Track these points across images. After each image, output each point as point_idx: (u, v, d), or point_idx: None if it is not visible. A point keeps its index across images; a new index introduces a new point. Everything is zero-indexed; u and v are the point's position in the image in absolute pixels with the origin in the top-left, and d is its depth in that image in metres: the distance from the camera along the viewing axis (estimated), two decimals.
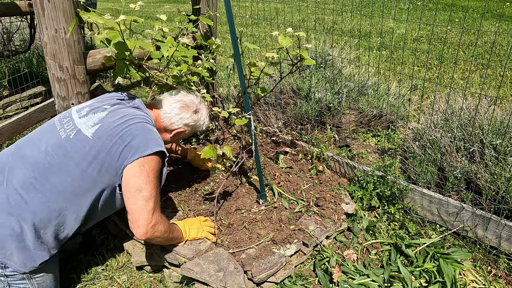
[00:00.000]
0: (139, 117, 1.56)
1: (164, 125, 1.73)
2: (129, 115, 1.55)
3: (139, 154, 1.45)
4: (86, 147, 1.45)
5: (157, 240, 1.54)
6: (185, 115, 1.73)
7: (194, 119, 1.75)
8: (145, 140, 1.48)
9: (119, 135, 1.47)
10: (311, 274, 1.79)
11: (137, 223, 1.44)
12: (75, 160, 1.44)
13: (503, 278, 1.77)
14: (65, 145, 1.46)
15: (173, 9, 9.12)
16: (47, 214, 1.41)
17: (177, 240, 1.68)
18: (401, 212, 2.09)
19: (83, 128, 1.50)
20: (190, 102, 1.75)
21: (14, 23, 4.28)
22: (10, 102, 3.48)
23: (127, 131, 1.49)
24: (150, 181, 1.46)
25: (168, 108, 1.72)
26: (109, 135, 1.47)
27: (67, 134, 1.49)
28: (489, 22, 6.40)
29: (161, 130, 1.72)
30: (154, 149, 1.48)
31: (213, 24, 2.40)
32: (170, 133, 1.75)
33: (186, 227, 1.74)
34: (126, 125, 1.50)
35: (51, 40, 1.76)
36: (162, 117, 1.71)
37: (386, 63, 4.49)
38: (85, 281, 1.79)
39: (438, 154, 2.11)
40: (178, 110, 1.72)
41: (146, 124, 1.55)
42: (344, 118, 2.83)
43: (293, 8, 6.83)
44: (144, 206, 1.43)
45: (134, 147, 1.46)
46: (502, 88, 3.66)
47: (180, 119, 1.72)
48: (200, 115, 1.78)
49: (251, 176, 2.23)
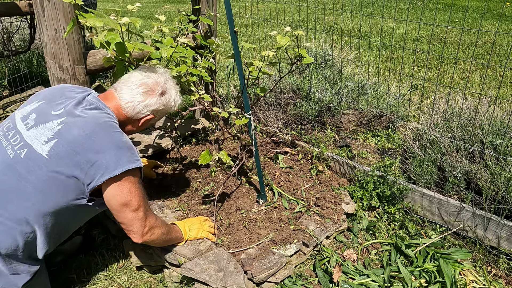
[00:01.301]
0: (103, 125, 1.35)
1: (129, 115, 1.48)
2: (89, 125, 1.33)
3: (108, 174, 1.30)
4: (42, 168, 1.28)
5: (155, 242, 1.53)
6: (151, 100, 1.48)
7: (162, 102, 1.51)
8: (114, 158, 1.31)
9: (81, 153, 1.29)
10: (311, 274, 1.79)
11: (131, 231, 1.41)
12: (32, 183, 1.28)
13: (503, 278, 1.77)
14: (16, 167, 1.28)
15: (173, 9, 9.12)
16: (12, 242, 1.29)
17: (177, 241, 1.67)
18: (401, 212, 2.09)
19: (35, 144, 1.30)
20: (153, 84, 1.49)
21: (14, 23, 4.28)
22: (10, 102, 3.49)
23: (91, 149, 1.30)
24: (133, 194, 1.36)
25: (129, 96, 1.46)
26: (69, 153, 1.29)
27: (16, 152, 1.30)
28: (489, 22, 6.40)
29: (125, 121, 1.51)
30: (125, 167, 1.32)
31: (213, 24, 2.41)
32: (138, 122, 1.52)
33: (186, 227, 1.72)
34: (89, 141, 1.30)
35: (51, 40, 1.76)
36: (124, 107, 1.46)
37: (386, 63, 4.49)
38: (85, 281, 1.79)
39: (438, 154, 2.10)
40: (141, 96, 1.46)
41: (113, 136, 1.35)
42: (344, 118, 2.83)
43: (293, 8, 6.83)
44: (135, 217, 1.39)
45: (102, 167, 1.30)
46: (502, 88, 3.66)
47: (145, 106, 1.48)
48: (169, 96, 1.53)
49: (251, 176, 2.23)
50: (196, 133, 2.69)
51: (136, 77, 1.48)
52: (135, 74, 1.49)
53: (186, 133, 2.65)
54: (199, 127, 2.70)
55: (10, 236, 1.28)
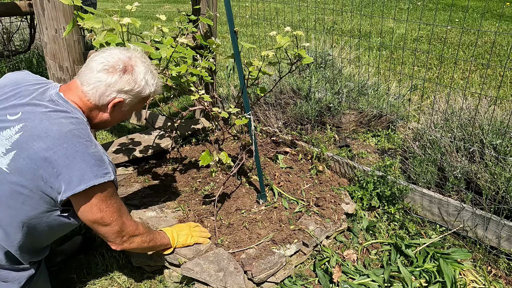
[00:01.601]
0: (68, 135, 1.20)
1: (93, 102, 1.30)
2: (52, 135, 1.18)
3: (71, 191, 1.18)
4: (3, 183, 1.18)
5: (137, 250, 1.49)
6: (112, 79, 1.28)
7: (126, 80, 1.30)
8: (78, 172, 1.18)
9: (43, 167, 1.17)
10: (311, 274, 1.79)
11: (109, 240, 1.37)
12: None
13: (503, 278, 1.77)
14: None
15: (173, 9, 9.12)
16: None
17: (162, 247, 1.62)
18: (401, 212, 2.09)
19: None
20: (115, 61, 1.30)
21: (14, 23, 4.28)
22: None
23: (53, 162, 1.17)
24: (104, 212, 1.28)
25: (90, 78, 1.28)
26: (30, 167, 1.17)
27: None
28: (489, 22, 6.40)
29: (94, 111, 1.34)
30: (90, 183, 1.19)
31: (213, 24, 2.41)
32: (107, 109, 1.33)
33: (174, 233, 1.68)
34: (50, 153, 1.17)
35: (51, 40, 1.76)
36: (87, 92, 1.29)
37: (386, 63, 4.49)
38: (85, 281, 1.79)
39: (438, 154, 2.11)
40: (102, 75, 1.28)
41: (78, 147, 1.20)
42: (344, 118, 2.83)
43: (293, 8, 6.83)
44: (109, 231, 1.33)
45: (65, 181, 1.18)
46: (502, 88, 3.66)
47: (108, 86, 1.28)
48: (136, 74, 1.32)
49: (251, 176, 2.23)
50: (196, 133, 2.69)
51: (98, 57, 1.31)
52: (97, 54, 1.32)
53: (186, 133, 2.65)
54: (199, 127, 2.70)
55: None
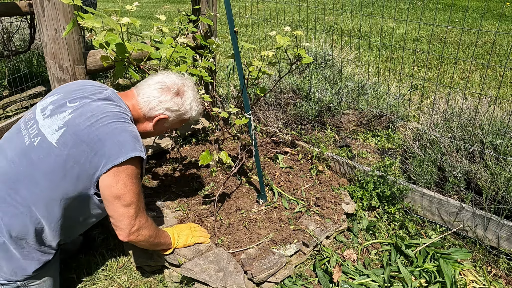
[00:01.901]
0: (110, 115, 1.37)
1: (143, 112, 1.51)
2: (96, 114, 1.36)
3: (111, 163, 1.30)
4: (51, 156, 1.31)
5: (141, 244, 1.50)
6: (165, 97, 1.49)
7: (176, 102, 1.51)
8: (117, 146, 1.32)
9: (86, 141, 1.31)
10: (311, 274, 1.79)
11: (119, 226, 1.39)
12: (42, 170, 1.32)
13: (503, 278, 1.77)
14: (30, 154, 1.33)
15: (173, 9, 9.12)
16: (23, 227, 1.33)
17: (164, 246, 1.63)
18: (401, 212, 2.09)
19: (47, 133, 1.34)
20: (171, 83, 1.52)
21: (14, 23, 4.28)
22: (10, 102, 3.49)
23: (94, 137, 1.32)
24: (128, 189, 1.35)
25: (146, 92, 1.49)
26: (75, 142, 1.31)
27: (31, 140, 1.35)
28: (489, 22, 6.40)
29: (140, 120, 1.53)
30: (128, 155, 1.32)
31: (213, 24, 2.41)
32: (151, 120, 1.53)
33: (175, 234, 1.69)
34: (93, 129, 1.33)
35: (51, 40, 1.76)
36: (140, 103, 1.49)
37: (386, 63, 4.49)
38: (85, 281, 1.79)
39: (438, 154, 2.11)
40: (157, 92, 1.49)
41: (118, 124, 1.37)
42: (344, 118, 2.83)
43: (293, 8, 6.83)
44: (125, 213, 1.37)
45: (105, 155, 1.31)
46: (502, 88, 3.66)
47: (159, 102, 1.49)
48: (185, 98, 1.53)
49: (251, 176, 2.23)
50: (196, 133, 2.69)
51: (157, 77, 1.53)
52: (157, 75, 1.55)
53: (186, 133, 2.65)
54: (199, 127, 2.70)
55: (21, 221, 1.33)
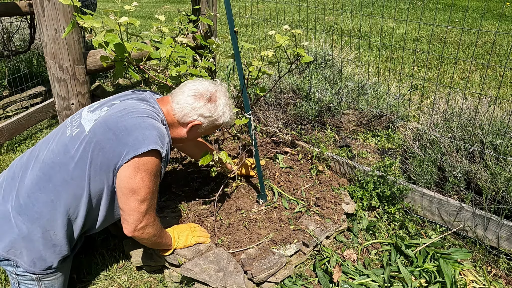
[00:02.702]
0: (140, 110, 1.44)
1: (177, 118, 1.56)
2: (128, 108, 1.44)
3: (133, 152, 1.34)
4: (82, 144, 1.38)
5: (144, 241, 1.51)
6: (198, 104, 1.54)
7: (209, 108, 1.56)
8: (141, 136, 1.36)
9: (113, 129, 1.37)
10: (311, 274, 1.79)
11: (127, 220, 1.41)
12: (74, 159, 1.38)
13: (503, 278, 1.77)
14: (67, 143, 1.40)
15: (173, 9, 9.12)
16: (53, 215, 1.38)
17: (165, 247, 1.64)
18: (401, 212, 2.09)
19: (86, 124, 1.44)
20: (204, 90, 1.56)
21: (14, 23, 4.28)
22: (10, 102, 3.49)
23: (121, 126, 1.37)
24: (145, 184, 1.38)
25: (180, 99, 1.54)
26: (103, 129, 1.38)
27: (71, 131, 1.44)
28: (489, 22, 6.40)
29: (175, 125, 1.58)
30: (150, 146, 1.35)
31: (213, 24, 2.41)
32: (186, 126, 1.58)
33: (175, 234, 1.70)
34: (122, 119, 1.39)
35: (51, 40, 1.76)
36: (175, 109, 1.55)
37: (386, 63, 4.49)
38: (85, 281, 1.79)
39: (438, 154, 2.10)
40: (190, 99, 1.54)
41: (146, 119, 1.42)
42: (344, 118, 2.83)
43: (293, 8, 6.83)
44: (137, 208, 1.39)
45: (128, 144, 1.35)
46: (502, 88, 3.66)
47: (193, 109, 1.54)
48: (218, 104, 1.58)
49: (251, 176, 2.23)
50: None
51: (191, 84, 1.59)
52: (191, 82, 1.60)
53: None
54: None
55: (52, 209, 1.38)
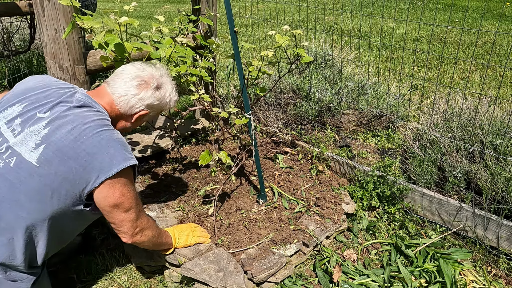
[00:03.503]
0: (92, 124, 1.29)
1: (122, 111, 1.42)
2: (78, 126, 1.27)
3: (104, 175, 1.25)
4: (34, 177, 1.22)
5: (144, 244, 1.49)
6: (145, 94, 1.41)
7: (157, 97, 1.44)
8: (107, 157, 1.26)
9: (72, 158, 1.24)
10: (311, 274, 1.79)
11: (122, 231, 1.38)
12: (25, 193, 1.23)
13: (503, 278, 1.77)
14: (7, 177, 1.23)
15: (173, 9, 9.12)
16: (11, 252, 1.25)
17: (166, 246, 1.64)
18: (401, 212, 2.09)
19: (23, 152, 1.24)
20: (148, 77, 1.42)
21: (14, 23, 4.28)
22: None
23: (81, 152, 1.24)
24: (125, 196, 1.32)
25: (123, 89, 1.39)
26: (60, 159, 1.23)
27: (5, 162, 1.24)
28: (489, 22, 6.40)
29: (118, 118, 1.45)
30: (121, 166, 1.27)
31: (213, 24, 2.41)
32: (131, 118, 1.46)
33: (175, 234, 1.69)
34: (78, 143, 1.25)
35: (51, 40, 1.76)
36: (118, 102, 1.40)
37: (386, 63, 4.49)
38: (85, 281, 1.79)
39: (438, 154, 2.10)
40: (135, 89, 1.40)
41: (102, 133, 1.29)
42: (344, 118, 2.83)
43: (293, 8, 6.82)
44: (126, 218, 1.35)
45: (95, 169, 1.25)
46: (502, 88, 3.66)
47: (139, 100, 1.41)
48: (164, 91, 1.47)
49: (251, 176, 2.23)
50: (196, 133, 2.69)
51: (130, 70, 1.42)
52: (129, 67, 1.43)
53: (186, 133, 2.65)
54: (199, 127, 2.70)
55: (8, 246, 1.25)
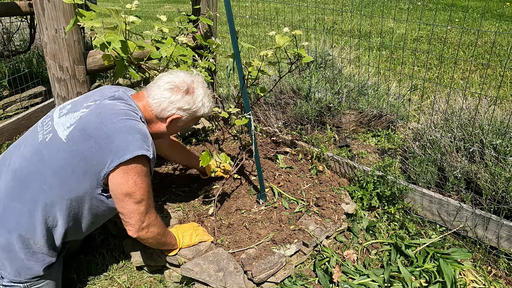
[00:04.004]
0: (119, 112, 1.37)
1: (155, 113, 1.50)
2: (105, 111, 1.37)
3: (118, 159, 1.30)
4: (60, 152, 1.32)
5: (149, 241, 1.50)
6: (175, 97, 1.47)
7: (187, 101, 1.49)
8: (124, 143, 1.32)
9: (94, 137, 1.32)
10: (311, 274, 1.79)
11: (129, 222, 1.40)
12: (51, 167, 1.32)
13: (503, 278, 1.77)
14: (41, 151, 1.34)
15: (173, 9, 9.12)
16: (32, 225, 1.33)
17: (169, 246, 1.64)
18: (401, 212, 2.09)
19: (59, 129, 1.36)
20: (180, 82, 1.50)
21: (14, 23, 4.28)
22: (10, 102, 3.49)
23: (103, 133, 1.32)
24: (138, 186, 1.35)
25: (156, 93, 1.48)
26: (83, 138, 1.32)
27: (44, 137, 1.37)
28: (489, 22, 6.40)
29: (153, 121, 1.52)
30: (135, 152, 1.31)
31: (213, 24, 2.41)
32: (165, 121, 1.52)
33: (179, 234, 1.69)
34: (102, 125, 1.33)
35: (51, 40, 1.76)
36: (151, 104, 1.48)
37: (386, 63, 4.49)
38: (85, 281, 1.79)
39: (438, 154, 2.10)
40: (167, 93, 1.47)
41: (126, 121, 1.36)
42: (344, 118, 2.83)
43: (293, 8, 6.82)
44: (136, 209, 1.38)
45: (112, 152, 1.31)
46: (502, 88, 3.66)
47: (170, 103, 1.48)
48: (196, 95, 1.52)
49: (251, 176, 2.23)
50: (196, 133, 2.69)
51: (166, 76, 1.52)
52: (166, 74, 1.53)
53: (186, 133, 2.65)
54: (199, 127, 2.70)
55: (29, 218, 1.33)
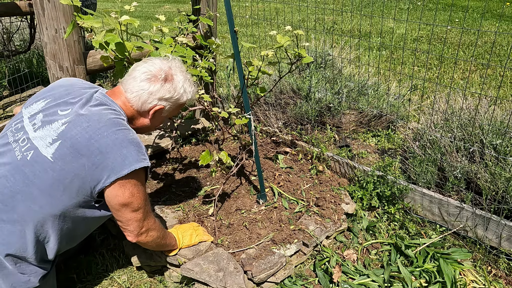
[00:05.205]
0: (107, 123, 1.30)
1: (136, 108, 1.42)
2: (93, 124, 1.29)
3: (115, 175, 1.27)
4: (48, 172, 1.26)
5: (148, 245, 1.49)
6: (154, 87, 1.39)
7: (167, 89, 1.41)
8: (120, 157, 1.27)
9: (86, 155, 1.26)
10: (311, 274, 1.79)
11: (128, 229, 1.39)
12: (39, 187, 1.26)
13: (503, 278, 1.77)
14: (23, 170, 1.27)
15: (173, 9, 9.12)
16: (22, 244, 1.29)
17: (170, 247, 1.64)
18: (401, 212, 2.09)
19: (41, 146, 1.28)
20: (157, 70, 1.41)
21: (14, 23, 4.28)
22: (10, 102, 3.49)
23: (95, 150, 1.26)
24: (135, 197, 1.33)
25: (133, 86, 1.39)
26: (74, 156, 1.26)
27: (23, 154, 1.29)
28: (489, 22, 6.40)
29: (135, 116, 1.45)
30: (132, 167, 1.28)
31: (213, 24, 2.41)
32: (148, 115, 1.44)
33: (179, 234, 1.69)
34: (93, 141, 1.26)
35: (51, 40, 1.76)
36: (130, 99, 1.40)
37: (386, 63, 4.49)
38: (85, 281, 1.79)
39: (438, 154, 2.10)
40: (144, 83, 1.39)
41: (117, 133, 1.30)
42: (344, 118, 2.83)
43: (293, 8, 6.82)
44: (133, 217, 1.37)
45: (107, 168, 1.26)
46: (502, 88, 3.66)
47: (150, 94, 1.39)
48: (176, 82, 1.43)
49: (251, 176, 2.23)
50: (196, 133, 2.69)
51: (141, 66, 1.42)
52: (140, 64, 1.44)
53: (186, 133, 2.65)
54: (199, 127, 2.70)
55: (19, 238, 1.28)
